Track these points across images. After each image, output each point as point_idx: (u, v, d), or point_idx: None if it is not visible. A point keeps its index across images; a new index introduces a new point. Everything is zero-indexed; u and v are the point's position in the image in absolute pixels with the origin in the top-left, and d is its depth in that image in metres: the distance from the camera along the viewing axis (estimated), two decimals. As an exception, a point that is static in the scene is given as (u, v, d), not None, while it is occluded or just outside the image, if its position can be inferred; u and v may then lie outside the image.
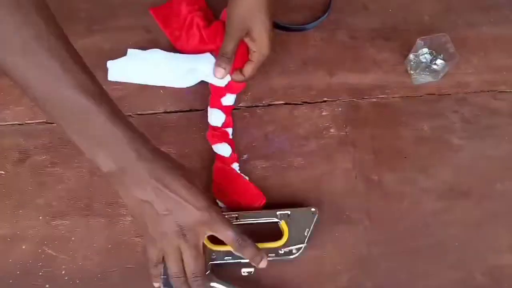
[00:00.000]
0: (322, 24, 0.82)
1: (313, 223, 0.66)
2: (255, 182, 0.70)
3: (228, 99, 0.73)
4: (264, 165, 0.72)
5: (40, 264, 0.65)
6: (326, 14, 0.82)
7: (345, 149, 0.74)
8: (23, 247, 0.66)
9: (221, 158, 0.70)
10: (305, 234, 0.65)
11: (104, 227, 0.67)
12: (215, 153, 0.71)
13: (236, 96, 0.74)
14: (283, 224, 0.66)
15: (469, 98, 0.79)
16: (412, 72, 0.78)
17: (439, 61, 0.76)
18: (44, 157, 0.70)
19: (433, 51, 0.77)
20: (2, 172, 0.69)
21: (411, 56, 0.78)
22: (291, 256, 0.65)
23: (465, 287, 0.67)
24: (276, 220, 0.66)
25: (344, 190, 0.71)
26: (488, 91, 0.79)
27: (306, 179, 0.71)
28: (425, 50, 0.77)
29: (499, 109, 0.78)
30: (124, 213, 0.68)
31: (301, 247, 0.65)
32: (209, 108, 0.73)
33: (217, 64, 0.70)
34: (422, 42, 0.76)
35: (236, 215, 0.66)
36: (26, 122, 0.72)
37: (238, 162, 0.71)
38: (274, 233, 0.67)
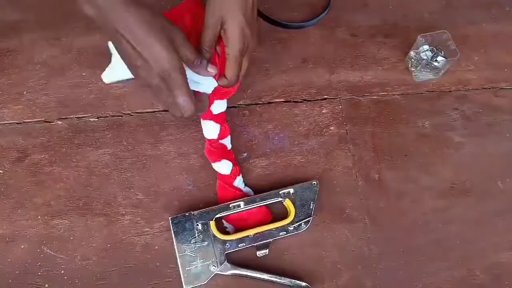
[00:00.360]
0: (322, 22, 0.82)
1: (316, 195, 0.68)
2: (255, 180, 0.70)
3: (218, 107, 0.70)
4: (264, 163, 0.72)
5: (39, 264, 0.65)
6: (326, 11, 0.82)
7: (345, 147, 0.73)
8: (22, 246, 0.65)
9: (223, 177, 0.69)
10: (311, 207, 0.67)
11: (103, 226, 0.67)
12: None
13: (227, 101, 0.72)
14: (287, 202, 0.68)
15: (470, 95, 0.78)
16: (412, 69, 0.78)
17: (439, 58, 0.76)
18: (42, 156, 0.70)
19: (434, 48, 0.76)
20: (1, 171, 0.69)
21: (412, 53, 0.77)
22: (301, 230, 0.67)
23: (466, 284, 0.67)
24: (280, 199, 0.68)
25: (344, 189, 0.71)
26: (489, 88, 0.79)
27: (306, 177, 0.71)
28: (426, 47, 0.77)
29: (500, 106, 0.78)
30: (123, 212, 0.68)
31: (309, 220, 0.67)
32: (202, 121, 0.71)
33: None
34: (423, 39, 0.76)
35: (243, 202, 0.67)
36: (24, 121, 0.72)
37: (240, 174, 0.70)
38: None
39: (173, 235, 0.64)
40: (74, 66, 0.75)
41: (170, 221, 0.65)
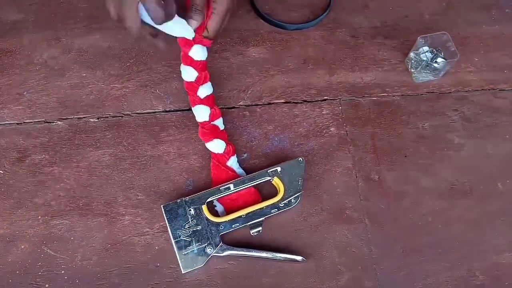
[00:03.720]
0: (322, 23, 0.82)
1: (304, 171, 0.69)
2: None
3: (204, 90, 0.71)
4: (263, 164, 0.72)
5: (39, 264, 0.65)
6: (326, 12, 0.82)
7: (345, 148, 0.73)
8: (22, 246, 0.65)
9: (216, 156, 0.70)
10: (299, 183, 0.69)
11: (103, 226, 0.67)
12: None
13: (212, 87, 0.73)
14: (276, 180, 0.69)
15: (469, 96, 0.78)
16: (412, 70, 0.78)
17: (439, 60, 0.76)
18: (42, 156, 0.70)
19: (434, 50, 0.76)
20: (1, 171, 0.69)
21: (412, 54, 0.77)
22: (291, 206, 0.68)
23: (466, 285, 0.67)
24: (268, 178, 0.69)
25: (344, 189, 0.71)
26: (488, 90, 0.79)
27: (306, 178, 0.71)
28: (426, 48, 0.77)
29: (500, 107, 0.78)
30: (123, 212, 0.68)
31: (299, 195, 0.68)
32: (192, 108, 0.72)
33: (188, 17, 0.67)
34: (423, 40, 0.76)
35: (232, 184, 0.68)
36: (24, 121, 0.72)
37: (234, 154, 0.71)
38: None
39: (166, 222, 0.65)
40: (74, 66, 0.76)
41: (163, 209, 0.66)
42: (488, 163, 0.74)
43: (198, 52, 0.71)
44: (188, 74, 0.71)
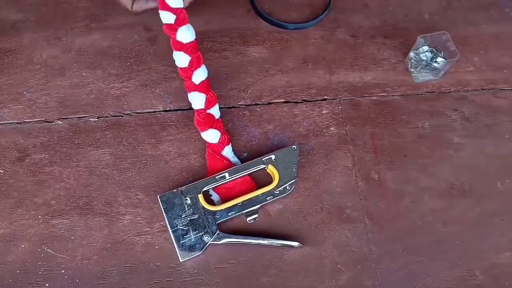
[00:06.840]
0: (322, 22, 0.82)
1: (298, 158, 0.70)
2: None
3: (198, 75, 0.69)
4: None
5: (39, 263, 0.65)
6: (326, 12, 0.82)
7: (345, 148, 0.73)
8: (22, 246, 0.65)
9: (211, 146, 0.70)
10: (294, 170, 0.69)
11: (104, 226, 0.67)
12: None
13: (207, 70, 0.71)
14: (271, 168, 0.69)
15: (469, 96, 0.78)
16: (412, 70, 0.78)
17: (439, 59, 0.76)
18: (43, 156, 0.70)
19: (434, 49, 0.76)
20: (1, 171, 0.69)
21: (412, 54, 0.77)
22: (287, 193, 0.69)
23: (466, 285, 0.67)
24: (263, 166, 0.69)
25: (344, 189, 0.71)
26: (488, 89, 0.79)
27: (306, 177, 0.71)
28: (426, 48, 0.77)
29: (500, 107, 0.78)
30: (124, 212, 0.68)
31: (293, 182, 0.69)
32: (188, 95, 0.70)
33: None
34: (423, 40, 0.76)
35: (227, 173, 0.68)
36: (24, 120, 0.72)
37: (229, 143, 0.71)
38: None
39: (163, 212, 0.66)
40: (74, 66, 0.76)
41: (159, 199, 0.66)
42: (487, 162, 0.74)
43: (185, 34, 0.67)
44: (181, 59, 0.68)
